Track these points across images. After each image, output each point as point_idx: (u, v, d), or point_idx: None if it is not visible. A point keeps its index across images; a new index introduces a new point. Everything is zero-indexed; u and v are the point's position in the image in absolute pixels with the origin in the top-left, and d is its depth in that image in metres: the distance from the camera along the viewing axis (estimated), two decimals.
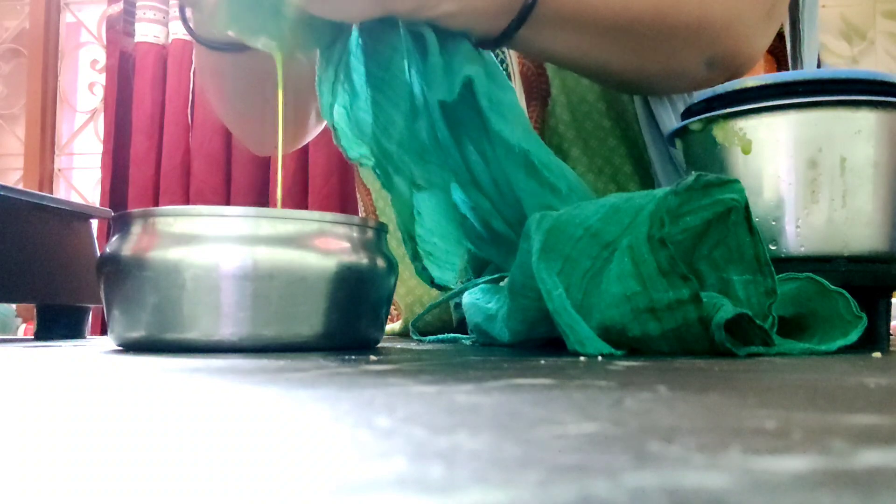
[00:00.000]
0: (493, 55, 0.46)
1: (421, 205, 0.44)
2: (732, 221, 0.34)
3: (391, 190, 0.43)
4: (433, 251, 0.44)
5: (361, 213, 0.76)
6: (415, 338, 0.54)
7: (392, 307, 0.71)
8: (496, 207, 0.46)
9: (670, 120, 0.56)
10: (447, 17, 0.43)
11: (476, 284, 0.47)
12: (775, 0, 0.51)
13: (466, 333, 0.50)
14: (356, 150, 0.45)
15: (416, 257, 0.43)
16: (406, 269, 0.66)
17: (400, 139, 0.42)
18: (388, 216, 0.68)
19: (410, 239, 0.42)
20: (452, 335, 0.52)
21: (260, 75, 0.58)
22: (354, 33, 0.46)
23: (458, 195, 0.46)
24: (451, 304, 0.57)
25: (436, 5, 0.42)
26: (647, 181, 0.60)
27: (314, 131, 0.73)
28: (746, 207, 0.34)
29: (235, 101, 0.63)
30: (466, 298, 0.47)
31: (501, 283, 0.45)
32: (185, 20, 0.57)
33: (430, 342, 0.49)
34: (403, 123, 0.42)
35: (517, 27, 0.44)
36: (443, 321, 0.62)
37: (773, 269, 0.35)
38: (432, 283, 0.44)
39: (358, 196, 0.77)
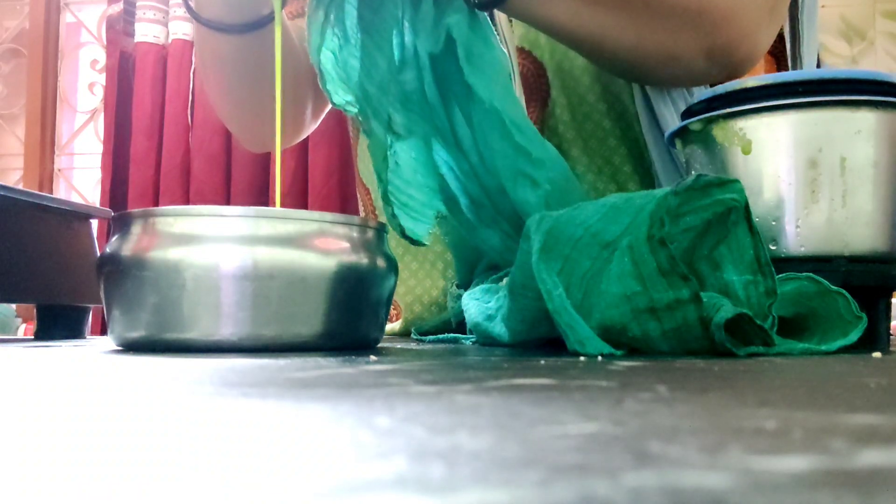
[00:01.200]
0: (488, 20, 0.45)
1: (400, 155, 0.44)
2: (732, 221, 0.34)
3: (369, 134, 0.43)
4: (408, 202, 0.44)
5: (361, 213, 0.76)
6: (415, 338, 0.54)
7: (392, 307, 0.71)
8: (475, 171, 0.46)
9: (672, 119, 0.56)
10: None
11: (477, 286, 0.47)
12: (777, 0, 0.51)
13: (466, 333, 0.50)
14: (341, 95, 0.45)
15: (386, 201, 0.43)
16: (406, 269, 0.66)
17: (381, 82, 0.42)
18: None
19: (381, 181, 0.42)
20: (452, 335, 0.52)
21: (260, 63, 0.57)
22: None
23: (439, 154, 0.46)
24: (450, 304, 0.57)
25: None
26: (648, 181, 0.60)
27: (311, 126, 0.73)
28: (746, 207, 0.34)
29: (235, 89, 0.63)
30: (466, 298, 0.47)
31: (501, 283, 0.45)
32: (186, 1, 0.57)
33: (429, 342, 0.49)
34: (386, 67, 0.42)
35: None
36: (443, 321, 0.62)
37: (773, 269, 0.35)
38: (403, 233, 0.44)
39: (358, 196, 0.77)
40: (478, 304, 0.45)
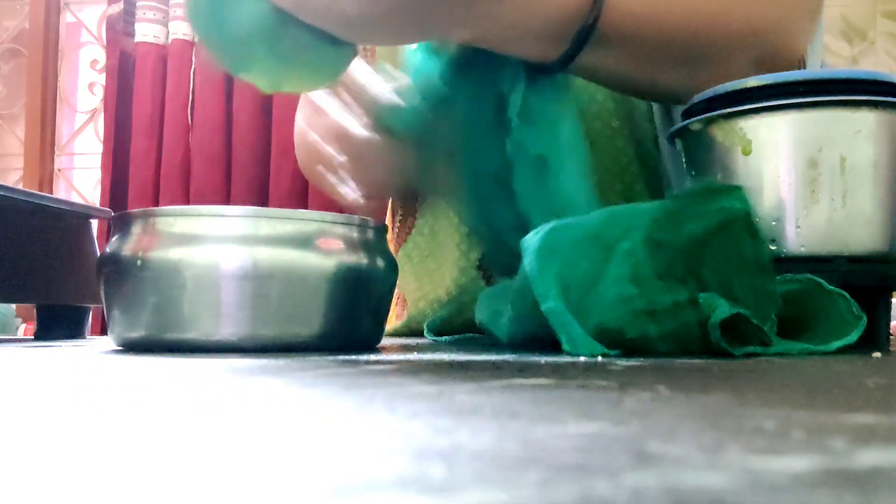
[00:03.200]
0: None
1: None
2: (735, 228, 0.34)
3: None
4: None
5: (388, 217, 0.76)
6: (430, 338, 0.54)
7: (399, 306, 0.70)
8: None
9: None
10: (499, 42, 0.43)
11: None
12: (819, 2, 0.51)
13: (481, 332, 0.50)
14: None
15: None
16: (424, 272, 0.66)
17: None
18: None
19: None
20: (469, 335, 0.51)
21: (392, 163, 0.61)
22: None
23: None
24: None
25: (484, 33, 0.42)
26: (654, 182, 0.60)
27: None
28: (749, 214, 0.34)
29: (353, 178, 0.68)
30: (482, 295, 0.47)
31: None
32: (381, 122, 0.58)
33: (445, 342, 0.49)
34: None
35: (576, 51, 0.44)
36: (464, 322, 0.62)
37: (775, 275, 0.34)
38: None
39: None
40: (488, 302, 0.45)
